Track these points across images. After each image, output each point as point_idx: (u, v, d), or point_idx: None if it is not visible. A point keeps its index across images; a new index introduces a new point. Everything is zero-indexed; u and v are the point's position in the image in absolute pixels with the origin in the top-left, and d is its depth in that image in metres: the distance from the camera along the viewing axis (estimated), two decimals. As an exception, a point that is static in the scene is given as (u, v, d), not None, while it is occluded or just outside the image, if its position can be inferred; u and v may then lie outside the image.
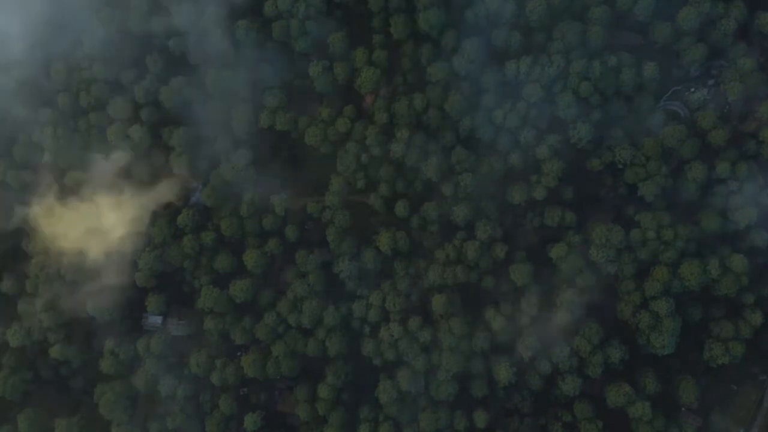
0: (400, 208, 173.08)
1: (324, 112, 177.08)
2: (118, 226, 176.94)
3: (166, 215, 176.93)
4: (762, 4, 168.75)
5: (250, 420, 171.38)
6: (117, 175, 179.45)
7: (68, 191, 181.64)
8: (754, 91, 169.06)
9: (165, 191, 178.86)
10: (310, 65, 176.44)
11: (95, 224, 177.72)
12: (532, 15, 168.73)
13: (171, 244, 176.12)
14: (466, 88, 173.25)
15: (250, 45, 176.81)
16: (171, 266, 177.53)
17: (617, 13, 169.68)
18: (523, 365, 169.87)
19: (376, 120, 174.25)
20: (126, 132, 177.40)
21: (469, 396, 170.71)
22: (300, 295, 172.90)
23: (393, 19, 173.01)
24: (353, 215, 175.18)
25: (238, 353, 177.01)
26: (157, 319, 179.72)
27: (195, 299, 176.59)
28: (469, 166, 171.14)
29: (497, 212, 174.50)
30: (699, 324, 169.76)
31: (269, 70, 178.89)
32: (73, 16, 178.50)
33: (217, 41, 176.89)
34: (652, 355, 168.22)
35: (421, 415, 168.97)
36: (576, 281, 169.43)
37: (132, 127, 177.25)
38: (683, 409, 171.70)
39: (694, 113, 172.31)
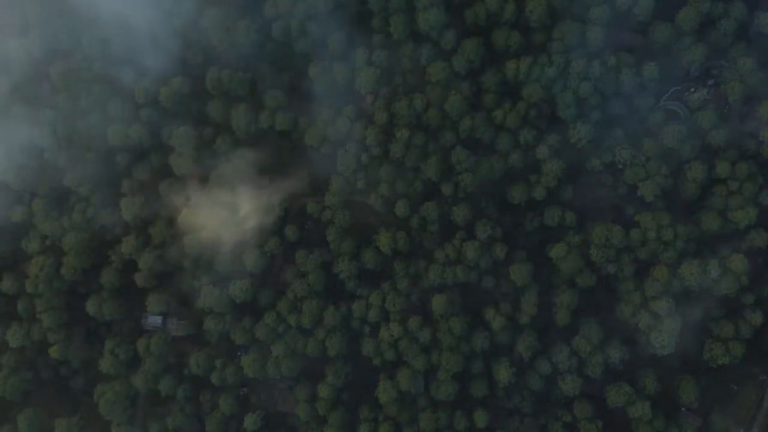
0: (400, 208, 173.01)
1: (324, 112, 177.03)
2: (249, 218, 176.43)
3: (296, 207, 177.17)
4: (762, 3, 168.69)
5: (250, 420, 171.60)
6: (249, 169, 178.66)
7: (203, 183, 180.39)
8: (754, 91, 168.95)
9: (296, 184, 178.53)
10: (311, 66, 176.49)
11: (227, 216, 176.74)
12: (532, 15, 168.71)
13: (171, 244, 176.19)
14: (465, 88, 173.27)
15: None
16: (171, 266, 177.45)
17: (617, 13, 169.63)
18: (523, 365, 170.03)
19: (376, 120, 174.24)
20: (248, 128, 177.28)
21: (469, 396, 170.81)
22: (300, 295, 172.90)
23: (393, 20, 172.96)
24: (353, 215, 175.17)
25: (238, 353, 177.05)
26: (156, 319, 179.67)
27: (195, 299, 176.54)
28: (468, 166, 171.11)
29: (497, 212, 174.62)
30: (699, 324, 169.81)
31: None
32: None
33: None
34: (653, 355, 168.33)
35: (420, 415, 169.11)
36: (576, 281, 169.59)
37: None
38: (683, 409, 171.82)
39: (694, 113, 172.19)
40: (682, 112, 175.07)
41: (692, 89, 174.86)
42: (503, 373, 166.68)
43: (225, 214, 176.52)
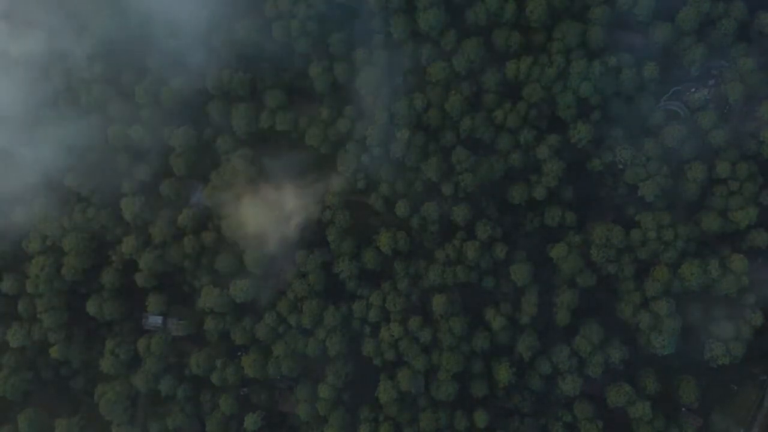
0: (401, 208, 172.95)
1: (324, 112, 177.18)
2: (292, 215, 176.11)
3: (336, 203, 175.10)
4: (763, 3, 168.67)
5: (250, 420, 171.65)
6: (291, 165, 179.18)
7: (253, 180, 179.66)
8: (755, 91, 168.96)
9: (333, 181, 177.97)
10: (311, 66, 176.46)
11: (271, 213, 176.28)
12: (532, 15, 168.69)
13: (171, 244, 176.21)
14: (466, 88, 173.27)
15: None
16: (171, 266, 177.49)
17: (617, 13, 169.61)
18: (524, 365, 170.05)
19: (377, 120, 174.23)
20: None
21: (470, 396, 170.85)
22: (300, 295, 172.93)
23: (393, 20, 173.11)
24: (353, 215, 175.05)
25: (239, 353, 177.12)
26: (157, 319, 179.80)
27: (195, 299, 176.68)
28: (469, 166, 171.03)
29: (497, 212, 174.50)
30: (699, 324, 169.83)
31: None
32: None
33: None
34: (653, 355, 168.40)
35: (421, 415, 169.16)
36: (576, 281, 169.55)
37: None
38: (683, 409, 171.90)
39: (694, 113, 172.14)
40: (682, 112, 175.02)
41: (693, 89, 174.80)
42: (503, 373, 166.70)
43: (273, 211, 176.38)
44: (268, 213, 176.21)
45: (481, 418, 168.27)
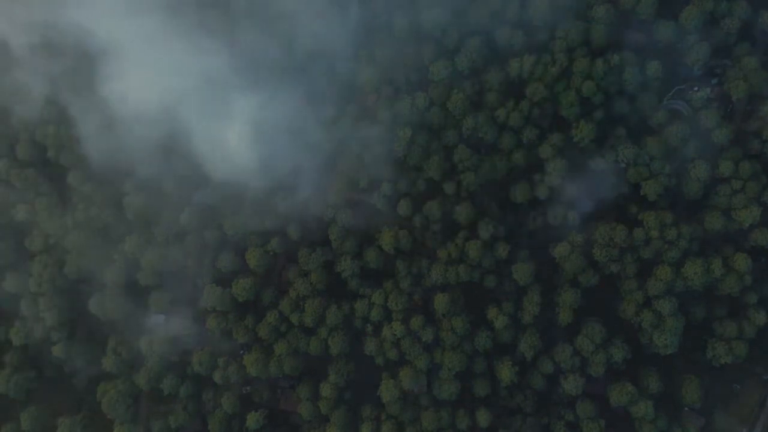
0: (403, 206, 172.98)
1: (326, 111, 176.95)
2: None
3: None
4: (766, 2, 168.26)
5: (252, 419, 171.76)
6: None
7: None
8: (758, 90, 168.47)
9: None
10: (314, 64, 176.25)
11: None
12: (535, 13, 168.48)
13: (174, 243, 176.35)
14: (468, 87, 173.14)
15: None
16: (174, 265, 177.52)
17: (620, 11, 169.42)
18: (526, 364, 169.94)
19: (379, 119, 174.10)
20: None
21: (472, 395, 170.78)
22: (302, 294, 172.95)
23: (396, 18, 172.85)
24: (355, 214, 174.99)
25: (241, 352, 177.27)
26: (159, 318, 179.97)
27: (198, 297, 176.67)
28: (471, 164, 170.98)
29: (500, 211, 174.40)
30: (702, 323, 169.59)
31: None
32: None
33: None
34: (655, 354, 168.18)
35: (423, 415, 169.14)
36: (579, 280, 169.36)
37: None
38: (686, 408, 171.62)
39: (697, 112, 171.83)
40: (685, 111, 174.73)
41: (696, 88, 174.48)
42: (506, 373, 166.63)
43: None
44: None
45: (483, 417, 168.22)
